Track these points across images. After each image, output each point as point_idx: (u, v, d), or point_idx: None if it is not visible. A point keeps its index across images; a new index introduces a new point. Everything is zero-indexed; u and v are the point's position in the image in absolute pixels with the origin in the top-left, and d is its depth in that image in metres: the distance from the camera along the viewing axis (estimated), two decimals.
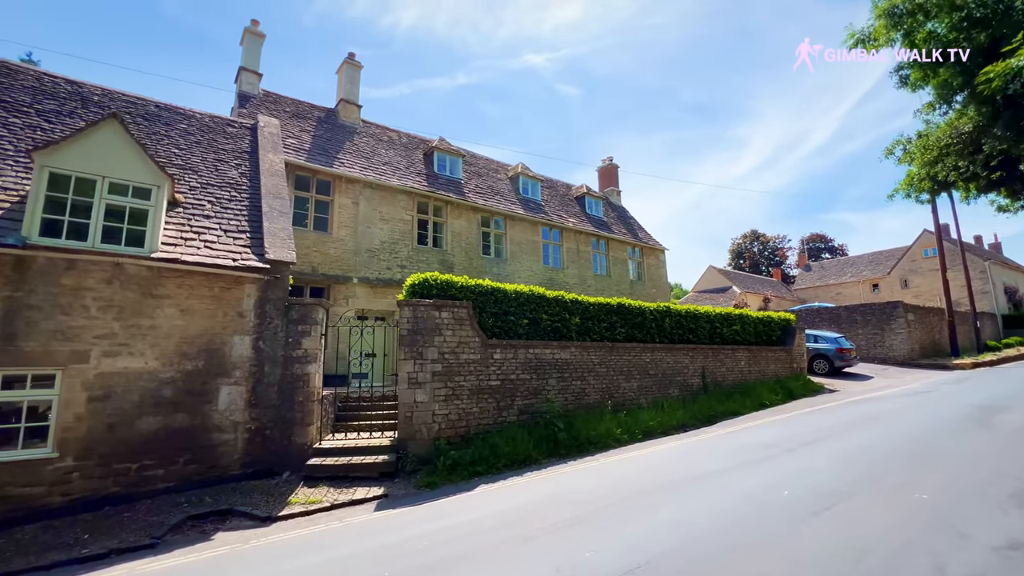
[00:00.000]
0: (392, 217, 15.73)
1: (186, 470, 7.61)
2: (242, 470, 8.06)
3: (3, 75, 9.46)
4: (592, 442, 10.10)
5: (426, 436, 8.89)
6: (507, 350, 10.28)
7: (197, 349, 7.96)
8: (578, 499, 6.52)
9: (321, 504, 7.19)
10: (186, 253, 8.04)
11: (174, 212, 8.82)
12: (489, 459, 8.70)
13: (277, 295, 8.83)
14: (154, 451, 7.41)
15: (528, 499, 6.85)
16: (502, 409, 9.97)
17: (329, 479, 8.11)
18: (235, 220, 9.38)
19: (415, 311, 9.27)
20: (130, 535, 6.16)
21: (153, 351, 7.60)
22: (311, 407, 8.75)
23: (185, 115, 11.34)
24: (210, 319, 8.14)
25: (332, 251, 14.35)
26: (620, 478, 7.63)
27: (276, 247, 9.12)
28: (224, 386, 8.11)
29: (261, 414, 8.38)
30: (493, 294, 10.63)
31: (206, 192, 9.63)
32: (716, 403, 13.67)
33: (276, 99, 16.53)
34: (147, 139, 10.01)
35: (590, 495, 6.71)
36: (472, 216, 17.82)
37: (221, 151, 10.93)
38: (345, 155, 15.79)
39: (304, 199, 14.26)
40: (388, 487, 7.91)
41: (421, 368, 9.07)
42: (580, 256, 21.17)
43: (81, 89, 10.19)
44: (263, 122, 12.49)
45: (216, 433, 7.94)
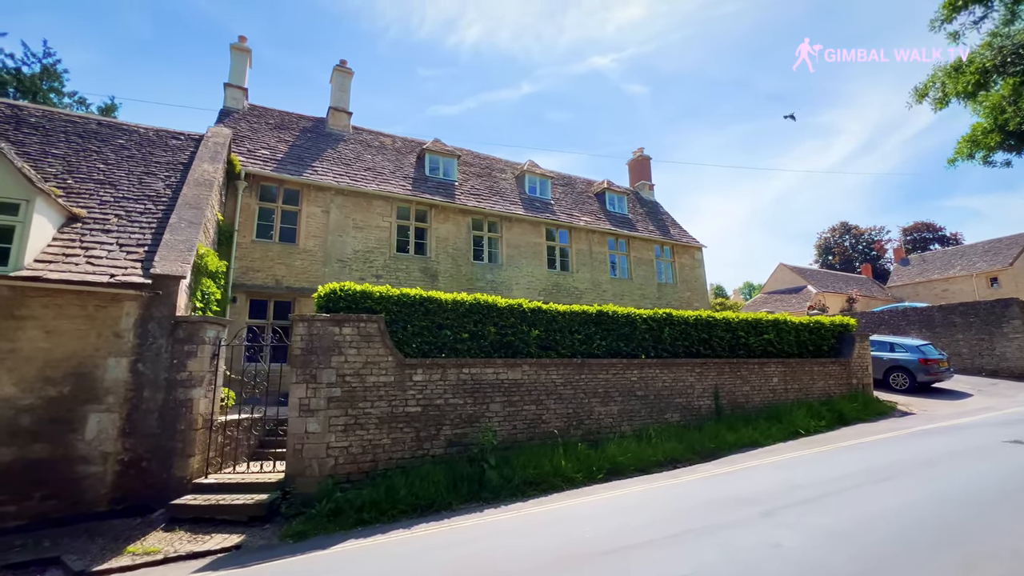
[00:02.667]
0: (367, 224, 14.89)
1: (43, 506, 7.01)
2: (111, 507, 7.33)
3: None
4: (531, 482, 8.30)
5: (317, 473, 7.66)
6: (432, 370, 8.82)
7: (63, 373, 7.39)
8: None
9: (155, 556, 6.19)
10: (57, 270, 7.54)
11: (70, 228, 8.44)
12: (382, 504, 7.27)
13: (162, 313, 8.11)
14: (6, 485, 6.88)
15: (390, 568, 5.37)
16: (423, 440, 8.50)
17: (192, 522, 7.12)
18: (138, 234, 8.86)
19: (310, 327, 8.12)
20: None
21: (11, 376, 7.11)
22: (193, 436, 7.88)
23: (126, 131, 11.24)
24: (80, 340, 7.56)
25: (299, 263, 13.76)
26: (508, 545, 5.87)
27: (167, 261, 8.44)
28: (93, 413, 7.46)
29: (137, 444, 7.64)
30: (423, 304, 9.24)
31: (117, 206, 9.24)
32: (728, 431, 11.14)
33: (261, 112, 16.46)
34: (73, 156, 9.89)
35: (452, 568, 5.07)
36: (461, 219, 16.54)
37: (154, 164, 10.63)
38: (322, 163, 15.25)
39: (269, 210, 13.83)
40: (250, 535, 6.77)
41: (315, 393, 7.88)
42: (594, 258, 19.06)
43: (20, 112, 10.35)
44: (211, 132, 12.16)
45: (81, 465, 7.29)
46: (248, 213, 13.36)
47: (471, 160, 19.84)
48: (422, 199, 15.77)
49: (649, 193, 24.53)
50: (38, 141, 9.85)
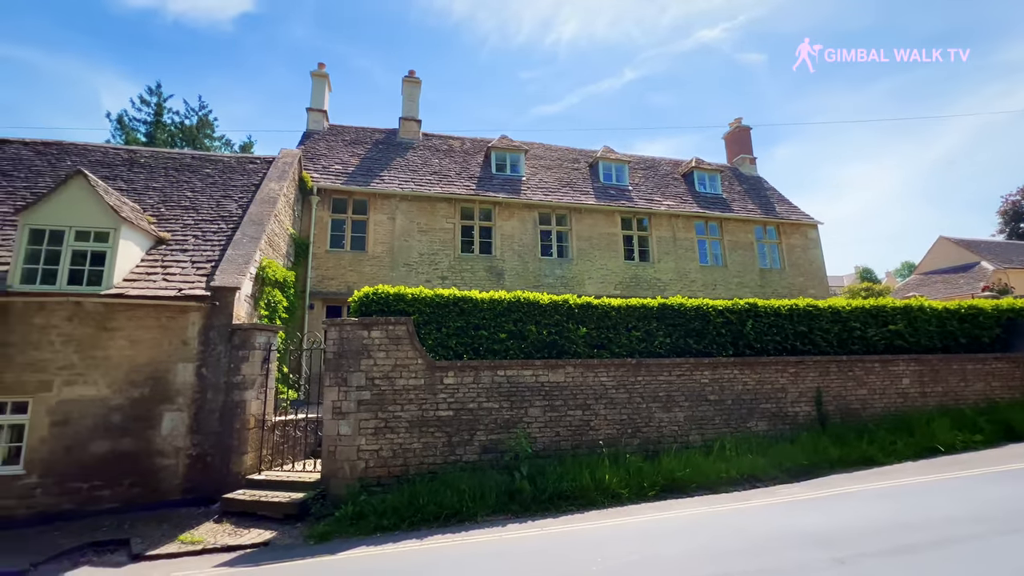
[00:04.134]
0: (431, 227, 15.12)
1: (130, 492, 8.06)
2: (182, 496, 8.21)
3: (61, 151, 11.88)
4: (566, 496, 7.56)
5: (348, 475, 7.76)
6: (464, 373, 8.48)
7: (144, 377, 8.45)
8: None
9: (196, 546, 6.71)
10: (137, 287, 8.65)
11: (156, 250, 9.68)
12: (403, 511, 7.11)
13: (221, 321, 8.89)
14: (103, 473, 8.04)
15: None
16: (456, 446, 8.20)
17: (238, 515, 7.64)
18: (209, 251, 9.87)
19: (340, 331, 8.28)
20: (23, 557, 6.61)
21: (105, 379, 8.30)
22: (246, 434, 8.50)
23: (213, 161, 12.71)
24: (156, 348, 8.58)
25: (368, 269, 14.42)
26: (498, 572, 5.28)
27: (226, 273, 9.25)
28: (167, 412, 8.42)
29: (202, 440, 8.47)
30: (457, 304, 8.97)
31: (196, 228, 10.41)
32: (832, 445, 9.20)
33: (339, 130, 17.66)
34: (169, 187, 11.40)
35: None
36: (527, 215, 16.05)
37: (231, 187, 11.84)
38: (389, 172, 15.85)
39: (341, 221, 14.70)
40: (281, 533, 7.05)
41: (345, 396, 8.01)
42: (678, 245, 17.24)
43: (133, 155, 12.22)
44: (281, 154, 13.24)
45: (159, 458, 8.27)
46: (321, 225, 14.38)
47: (541, 153, 19.23)
48: (485, 197, 15.61)
49: (750, 168, 21.62)
50: (144, 177, 11.56)
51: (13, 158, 11.17)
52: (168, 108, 33.72)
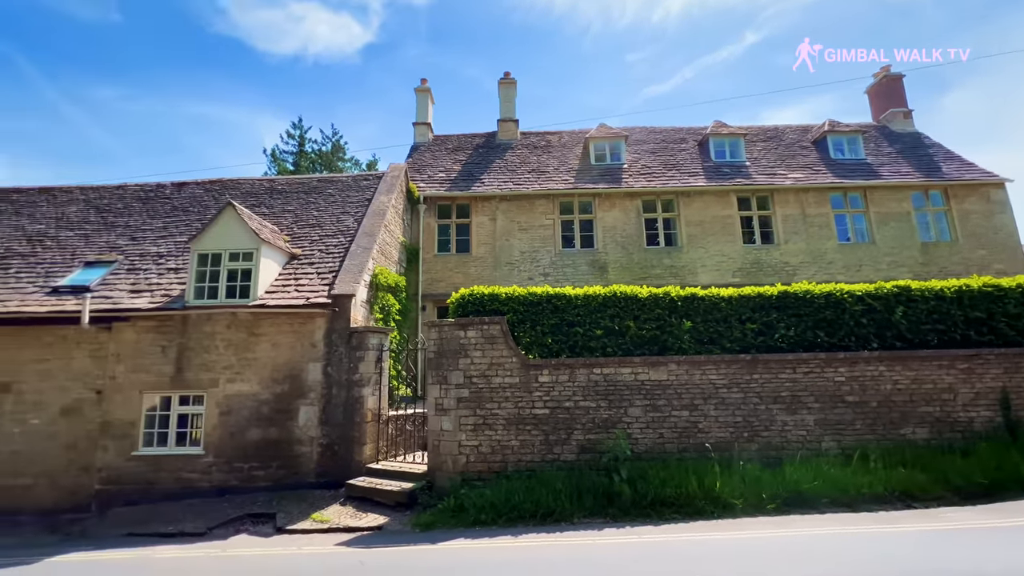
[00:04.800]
0: (531, 225, 15.21)
1: (277, 474, 9.40)
2: (317, 479, 9.34)
3: (225, 187, 14.12)
4: (669, 503, 7.08)
5: (451, 468, 8.16)
6: (558, 371, 8.39)
7: (283, 375, 9.77)
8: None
9: (322, 525, 7.60)
10: (275, 298, 10.03)
11: (290, 264, 11.14)
12: (499, 507, 7.27)
13: (341, 325, 9.92)
14: (258, 456, 9.48)
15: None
16: (553, 445, 8.16)
17: (359, 500, 8.47)
18: (330, 263, 11.08)
19: (440, 332, 8.72)
20: (201, 521, 8.06)
21: (256, 377, 9.77)
22: (365, 427, 9.38)
23: (333, 181, 14.21)
24: (292, 349, 9.87)
25: (472, 270, 14.99)
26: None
27: (344, 283, 10.28)
28: (303, 406, 9.64)
29: (330, 431, 9.54)
30: (550, 302, 8.92)
31: (320, 243, 11.76)
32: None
33: (442, 140, 18.61)
34: (300, 208, 13.03)
35: None
36: (629, 204, 15.34)
37: (348, 204, 13.14)
38: (489, 175, 16.30)
39: (446, 226, 15.47)
40: (392, 519, 7.67)
41: (446, 393, 8.43)
42: (809, 223, 15.09)
43: (272, 184, 14.18)
44: (390, 168, 14.32)
45: (297, 445, 9.51)
46: (429, 232, 15.30)
47: (643, 137, 18.21)
48: (584, 190, 15.26)
49: (904, 123, 18.09)
50: (280, 202, 13.37)
51: (189, 197, 13.72)
52: (308, 139, 38.60)
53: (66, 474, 9.79)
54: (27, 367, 10.26)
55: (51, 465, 9.84)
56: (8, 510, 9.59)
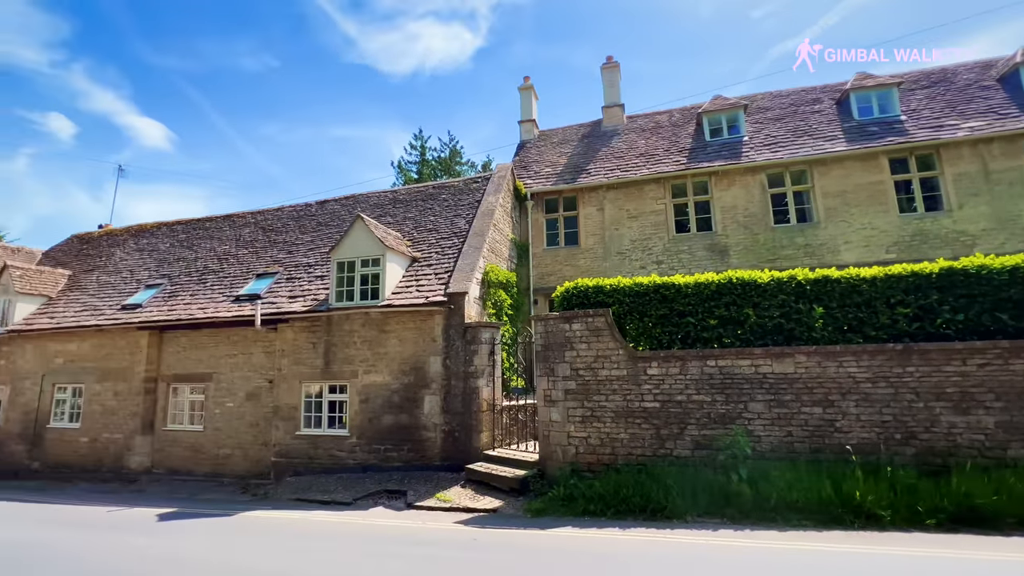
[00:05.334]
0: (641, 212, 14.67)
1: (408, 456, 10.47)
2: (441, 462, 10.21)
3: (353, 202, 15.86)
4: (798, 509, 6.46)
5: (561, 458, 8.35)
6: (668, 363, 8.08)
7: (409, 367, 10.82)
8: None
9: (444, 504, 8.32)
10: (399, 298, 11.13)
11: (412, 267, 12.25)
12: (608, 499, 7.28)
13: (457, 321, 10.65)
14: (391, 439, 10.66)
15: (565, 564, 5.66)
16: (665, 439, 7.91)
17: (477, 483, 9.07)
18: (446, 263, 11.94)
19: (545, 325, 8.93)
20: (348, 493, 9.34)
21: (387, 369, 10.97)
22: (481, 416, 9.98)
23: (446, 187, 15.19)
24: (415, 344, 10.88)
25: (582, 262, 14.94)
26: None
27: (457, 281, 11.01)
28: (427, 395, 10.59)
29: (451, 419, 10.34)
30: (658, 292, 8.63)
31: (436, 246, 12.72)
32: None
33: (547, 135, 18.75)
34: (418, 215, 14.21)
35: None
36: (751, 180, 13.97)
37: (460, 207, 13.97)
38: (595, 164, 16.06)
39: (554, 220, 15.61)
40: (506, 503, 8.12)
41: (553, 385, 8.63)
42: (993, 180, 12.26)
43: (395, 195, 15.63)
44: (497, 170, 14.86)
45: (423, 431, 10.48)
46: (537, 227, 15.58)
47: (767, 103, 16.36)
48: (698, 169, 14.25)
49: None
50: (402, 210, 14.71)
51: (330, 212, 15.79)
52: (429, 147, 41.59)
53: (252, 447, 12.02)
54: (222, 360, 12.77)
55: (242, 439, 12.16)
56: (216, 473, 12.09)
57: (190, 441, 12.69)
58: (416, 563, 5.81)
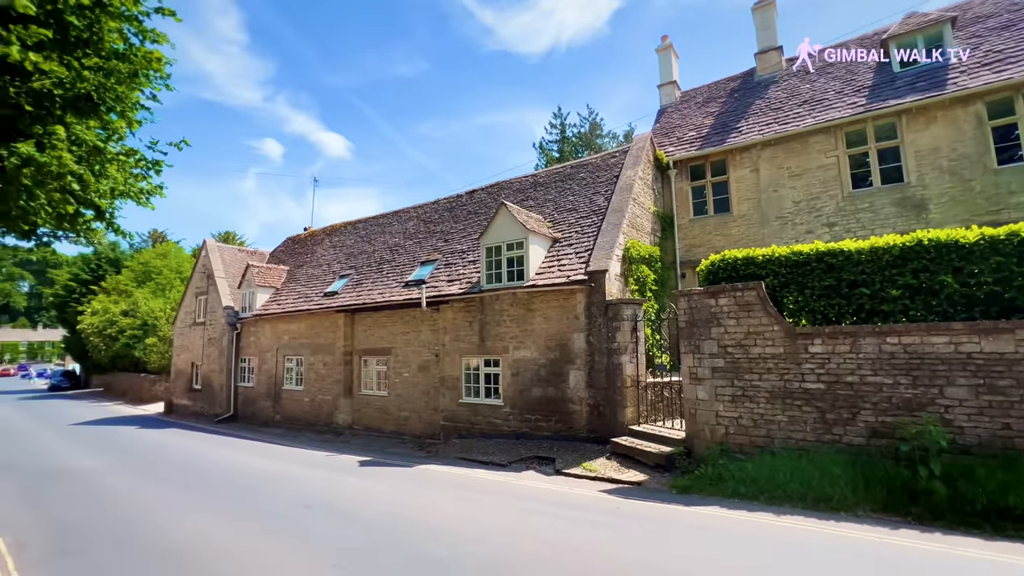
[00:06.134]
0: (805, 168, 12.87)
1: (556, 427, 11.13)
2: (587, 435, 10.64)
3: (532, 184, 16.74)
4: (1013, 515, 5.39)
5: (709, 438, 8.12)
6: (835, 340, 7.24)
7: (554, 343, 11.38)
8: None
9: (590, 473, 8.76)
10: (542, 278, 11.70)
11: (553, 248, 12.73)
12: (761, 483, 6.93)
13: (598, 299, 10.83)
14: (540, 411, 11.42)
15: (711, 544, 5.74)
16: (832, 424, 7.16)
17: (622, 456, 9.28)
18: (586, 242, 12.14)
19: (689, 301, 8.64)
20: (504, 456, 10.35)
21: (534, 345, 11.70)
22: (625, 392, 10.08)
23: (583, 165, 15.19)
24: (559, 322, 11.37)
25: (734, 231, 13.76)
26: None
27: (597, 260, 11.14)
28: (571, 370, 11.05)
29: (596, 394, 10.65)
30: (822, 260, 7.76)
31: (576, 225, 12.96)
32: None
33: (691, 95, 17.36)
34: (558, 196, 14.57)
35: None
36: (960, 113, 11.21)
37: (598, 184, 13.93)
38: (746, 121, 14.48)
39: (700, 188, 14.57)
40: (651, 478, 8.24)
41: (699, 363, 8.37)
42: None
43: (535, 178, 16.17)
44: (635, 141, 14.34)
45: (569, 404, 10.99)
46: (682, 197, 14.71)
47: (987, 9, 12.73)
48: (883, 110, 11.89)
49: None
50: (542, 192, 15.21)
51: (478, 201, 17.06)
52: (568, 124, 41.52)
53: (425, 411, 13.95)
54: (398, 337, 14.94)
55: (416, 404, 14.18)
56: (399, 432, 14.35)
57: (378, 404, 15.23)
58: (563, 523, 6.34)
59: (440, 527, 6.27)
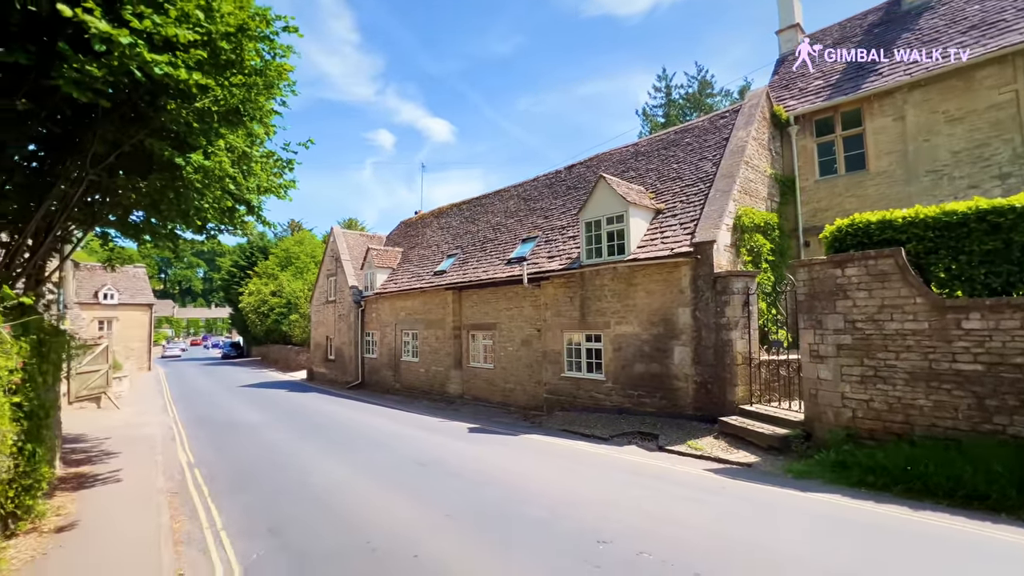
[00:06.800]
0: (966, 111, 10.73)
1: (660, 403, 10.88)
2: (693, 412, 10.27)
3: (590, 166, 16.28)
4: None
5: (832, 421, 7.43)
6: (1000, 315, 6.17)
7: (658, 318, 11.04)
8: None
9: (695, 451, 8.51)
10: (644, 252, 11.34)
11: (656, 220, 12.24)
12: (895, 473, 6.23)
13: (705, 271, 10.26)
14: (643, 386, 11.24)
15: (828, 540, 5.42)
16: (993, 412, 6.18)
17: (731, 436, 8.84)
18: (691, 212, 11.48)
19: (809, 272, 7.86)
20: (606, 430, 10.41)
21: (636, 320, 11.47)
22: (735, 370, 9.51)
23: (688, 130, 14.18)
24: (662, 296, 10.99)
25: (871, 190, 12.00)
26: None
27: (704, 230, 10.50)
28: (676, 346, 10.67)
29: (702, 371, 10.20)
30: (984, 220, 6.61)
31: (681, 195, 12.28)
32: None
33: (817, 37, 15.21)
34: (661, 165, 13.87)
35: None
36: None
37: (705, 148, 12.97)
38: (888, 60, 12.36)
39: (828, 144, 12.85)
40: (763, 460, 7.81)
41: (821, 339, 7.64)
42: None
43: (637, 147, 15.51)
44: (747, 99, 13.02)
45: (674, 381, 10.66)
46: (806, 155, 13.11)
47: None
48: None
49: None
50: (644, 162, 14.56)
51: (577, 176, 16.86)
52: (674, 86, 38.81)
53: (528, 384, 14.45)
54: (502, 313, 15.55)
55: (520, 377, 14.74)
56: (504, 403, 15.06)
57: (485, 376, 16.08)
58: (665, 497, 6.31)
59: (541, 492, 6.60)
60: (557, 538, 5.10)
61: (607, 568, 4.40)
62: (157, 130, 6.13)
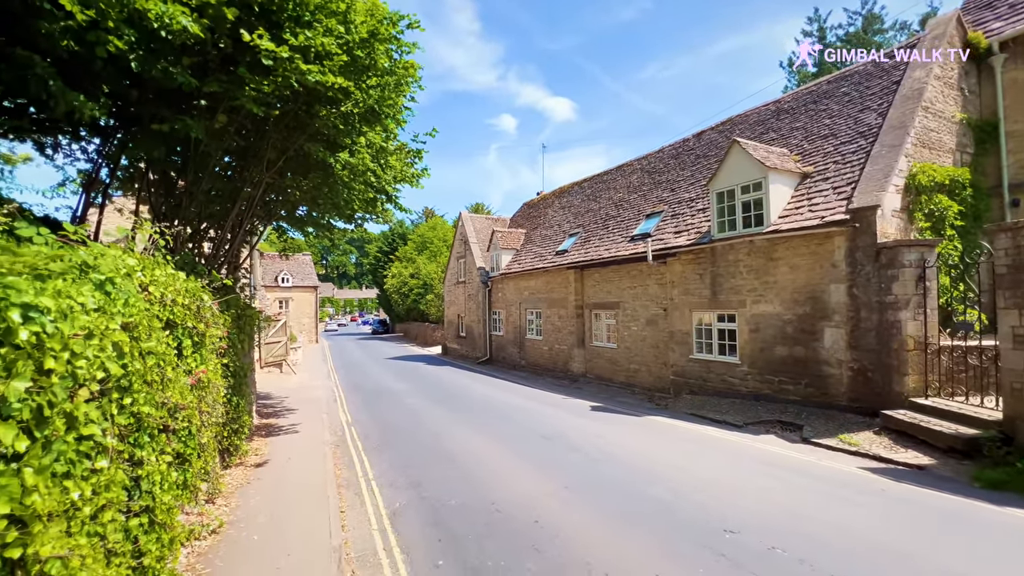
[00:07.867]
0: None
1: (806, 391, 9.73)
2: (848, 403, 9.00)
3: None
4: None
5: None
6: None
7: (804, 296, 9.81)
8: None
9: (849, 447, 7.52)
10: (787, 222, 10.10)
11: (802, 185, 10.80)
12: None
13: (865, 242, 8.81)
14: (785, 371, 10.14)
15: None
16: None
17: (897, 433, 7.60)
18: (848, 173, 9.89)
19: (1014, 238, 6.33)
20: (739, 416, 9.66)
21: (777, 299, 10.33)
22: (905, 356, 8.07)
23: (846, 77, 12.07)
24: (810, 272, 9.71)
25: None
26: None
27: (864, 194, 8.99)
28: (827, 328, 9.40)
29: (861, 356, 8.85)
30: None
31: (836, 154, 10.63)
32: None
33: None
34: (809, 122, 12.13)
35: None
36: None
37: (868, 97, 10.98)
38: None
39: None
40: (939, 463, 6.64)
41: None
42: None
43: (778, 104, 13.69)
44: (928, 29, 10.61)
45: (824, 366, 9.43)
46: (1016, 90, 10.31)
47: None
48: None
49: None
50: (788, 121, 12.83)
51: (707, 143, 15.51)
52: (829, 27, 33.29)
53: (654, 365, 13.97)
54: (625, 291, 15.16)
55: (645, 358, 14.30)
56: (628, 383, 14.78)
57: (608, 356, 15.90)
58: (808, 495, 5.72)
59: (664, 475, 6.41)
60: (679, 521, 4.95)
61: (733, 558, 4.16)
62: (313, 135, 7.09)
